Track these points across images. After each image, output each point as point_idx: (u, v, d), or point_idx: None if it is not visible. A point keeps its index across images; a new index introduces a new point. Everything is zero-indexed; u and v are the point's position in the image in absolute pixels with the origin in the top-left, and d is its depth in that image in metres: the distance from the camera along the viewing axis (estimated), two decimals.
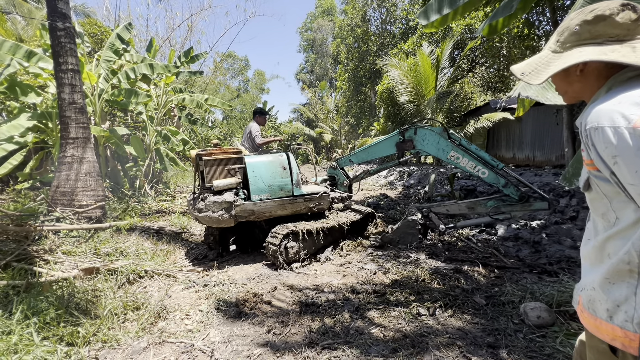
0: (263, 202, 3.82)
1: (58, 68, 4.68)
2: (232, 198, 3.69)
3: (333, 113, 28.27)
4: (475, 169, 3.87)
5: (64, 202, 4.60)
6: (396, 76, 12.78)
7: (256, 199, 3.80)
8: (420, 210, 4.40)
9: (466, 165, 3.91)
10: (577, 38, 0.89)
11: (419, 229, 4.30)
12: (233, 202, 3.67)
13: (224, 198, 3.67)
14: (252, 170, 3.85)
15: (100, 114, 7.51)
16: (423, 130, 4.18)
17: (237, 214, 3.68)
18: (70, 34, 4.69)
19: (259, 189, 3.83)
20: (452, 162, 3.96)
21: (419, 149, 4.23)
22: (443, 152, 4.01)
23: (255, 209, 3.78)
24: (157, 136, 8.37)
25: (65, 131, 4.75)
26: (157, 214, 6.40)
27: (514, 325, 2.28)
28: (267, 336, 2.33)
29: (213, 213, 3.63)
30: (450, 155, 3.96)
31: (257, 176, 3.85)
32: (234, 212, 3.66)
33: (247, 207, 3.73)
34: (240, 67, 39.14)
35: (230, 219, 3.67)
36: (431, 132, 4.11)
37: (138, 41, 17.73)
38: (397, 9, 19.84)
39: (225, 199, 3.66)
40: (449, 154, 3.97)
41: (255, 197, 3.80)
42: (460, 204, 4.15)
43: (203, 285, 3.25)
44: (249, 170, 3.84)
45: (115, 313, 2.51)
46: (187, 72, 10.23)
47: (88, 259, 3.57)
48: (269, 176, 3.89)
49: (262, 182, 3.84)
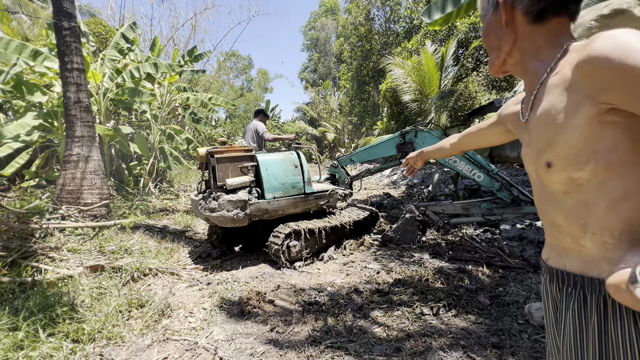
0: (277, 200, 3.80)
1: (63, 67, 4.72)
2: (246, 197, 3.63)
3: (336, 112, 28.22)
4: (471, 173, 4.04)
5: (69, 200, 4.65)
6: (400, 75, 12.73)
7: (270, 197, 3.78)
8: (417, 208, 4.49)
9: (463, 169, 4.07)
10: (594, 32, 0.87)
11: (417, 225, 4.34)
12: (248, 201, 3.61)
13: (239, 197, 3.59)
14: (265, 168, 3.83)
15: (105, 113, 7.57)
16: (423, 133, 4.31)
17: (251, 212, 3.63)
18: (76, 33, 4.72)
19: (273, 187, 3.81)
20: (450, 165, 4.13)
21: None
22: None
23: (269, 207, 3.75)
24: (161, 135, 8.41)
25: (71, 130, 4.78)
26: (161, 212, 6.44)
27: (518, 326, 2.27)
28: (270, 334, 2.34)
29: (228, 212, 3.52)
30: (448, 158, 4.09)
31: (271, 174, 3.84)
32: (248, 211, 3.60)
33: (261, 205, 3.69)
34: (243, 66, 39.21)
35: (245, 218, 3.60)
36: (431, 135, 4.25)
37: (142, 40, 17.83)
38: (401, 8, 19.74)
39: (240, 198, 3.59)
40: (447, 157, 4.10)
41: (269, 195, 3.78)
42: (456, 205, 4.32)
43: (207, 283, 3.26)
44: (262, 168, 3.82)
45: (119, 310, 2.53)
46: (190, 71, 10.27)
47: (93, 256, 3.59)
48: (281, 174, 3.89)
49: (276, 180, 3.83)
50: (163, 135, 8.45)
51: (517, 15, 0.74)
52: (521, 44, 0.76)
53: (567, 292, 0.73)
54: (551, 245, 0.79)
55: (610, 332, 0.64)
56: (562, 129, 0.65)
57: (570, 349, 0.72)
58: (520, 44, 0.76)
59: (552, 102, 0.68)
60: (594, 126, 0.61)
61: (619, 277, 0.58)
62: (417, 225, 4.34)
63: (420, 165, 1.45)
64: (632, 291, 0.55)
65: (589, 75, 0.60)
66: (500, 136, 1.07)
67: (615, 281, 0.59)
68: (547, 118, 0.69)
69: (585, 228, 0.67)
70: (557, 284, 0.76)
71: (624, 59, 0.54)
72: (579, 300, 0.70)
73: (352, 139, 26.65)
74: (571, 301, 0.72)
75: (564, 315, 0.74)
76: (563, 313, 0.75)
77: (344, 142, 26.79)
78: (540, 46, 0.73)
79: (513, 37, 0.76)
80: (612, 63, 0.55)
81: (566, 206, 0.70)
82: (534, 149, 0.75)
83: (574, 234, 0.70)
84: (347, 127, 26.84)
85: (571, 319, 0.72)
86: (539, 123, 0.72)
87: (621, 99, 0.57)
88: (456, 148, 1.26)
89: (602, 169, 0.62)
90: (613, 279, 0.59)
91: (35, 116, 6.38)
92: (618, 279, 0.58)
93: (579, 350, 0.70)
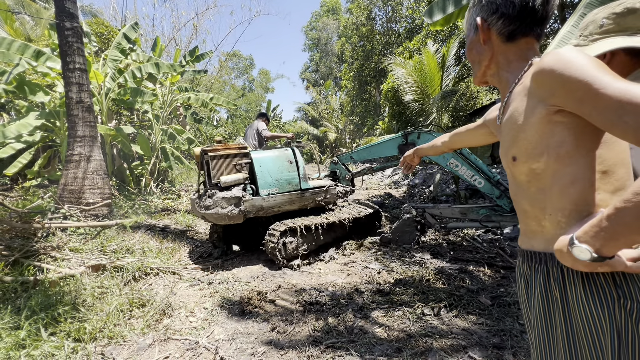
0: (272, 196, 3.81)
1: (66, 67, 4.74)
2: (240, 193, 3.66)
3: (337, 112, 28.21)
4: (472, 178, 3.97)
5: (71, 199, 4.66)
6: (401, 75, 12.70)
7: (264, 193, 3.79)
8: (415, 208, 4.43)
9: (464, 174, 4.00)
10: (605, 30, 0.95)
11: (415, 226, 4.31)
12: (242, 198, 3.64)
13: (233, 194, 3.65)
14: (259, 165, 3.85)
15: (107, 113, 7.59)
16: (426, 135, 4.26)
17: (246, 209, 3.65)
18: (78, 33, 4.74)
19: (267, 184, 3.83)
20: (452, 169, 4.05)
21: None
22: (443, 159, 4.10)
23: (264, 204, 3.77)
24: (162, 135, 8.43)
25: (73, 130, 4.80)
26: (163, 212, 6.45)
27: (519, 326, 2.26)
28: (271, 334, 2.34)
29: (222, 209, 3.59)
30: (450, 163, 4.04)
31: (265, 171, 3.85)
32: (242, 208, 3.64)
33: (255, 202, 3.72)
34: (245, 66, 39.25)
35: (239, 214, 3.63)
36: (433, 137, 4.18)
37: (144, 40, 17.88)
38: (403, 7, 19.72)
39: (234, 195, 3.64)
40: (449, 161, 4.05)
41: (263, 192, 3.79)
42: (454, 209, 4.20)
43: (208, 283, 3.27)
44: (256, 165, 3.84)
45: (121, 310, 2.54)
46: (192, 71, 10.30)
47: (95, 256, 3.61)
48: (276, 170, 3.89)
49: (270, 177, 3.84)
50: (165, 135, 8.47)
51: (493, 35, 0.88)
52: (497, 59, 0.90)
53: (535, 268, 0.84)
54: (523, 231, 0.90)
55: (569, 296, 0.76)
56: (522, 128, 0.78)
57: (539, 316, 0.82)
58: (496, 59, 0.90)
59: (516, 106, 0.81)
60: (545, 125, 0.74)
61: (562, 242, 0.71)
62: (415, 226, 4.32)
63: (417, 162, 1.58)
64: (570, 251, 0.67)
65: (540, 83, 0.74)
66: (485, 137, 1.21)
67: (559, 246, 0.71)
68: (512, 120, 0.82)
69: (544, 210, 0.79)
70: (527, 262, 0.87)
71: (564, 69, 0.68)
72: (543, 274, 0.81)
73: (353, 138, 26.64)
74: (538, 275, 0.83)
75: (533, 289, 0.85)
76: (532, 287, 0.85)
77: (345, 142, 26.78)
78: (512, 61, 0.88)
79: (490, 53, 0.90)
80: (555, 73, 0.70)
81: (529, 193, 0.82)
82: (504, 146, 0.88)
83: (537, 216, 0.82)
84: (349, 127, 26.83)
85: (539, 290, 0.82)
86: (507, 124, 0.85)
87: (563, 101, 0.70)
88: (447, 146, 1.42)
89: (553, 160, 0.75)
90: (557, 244, 0.72)
91: (37, 116, 6.41)
92: (561, 244, 0.71)
93: (546, 315, 0.80)
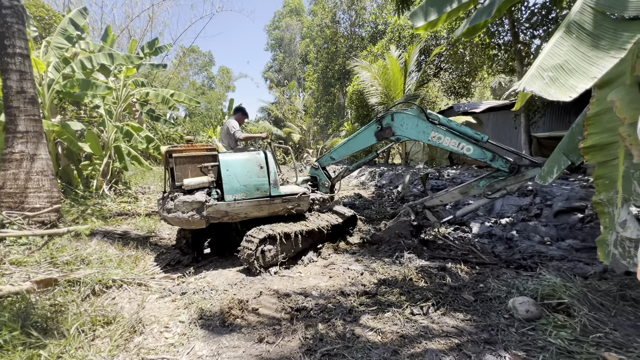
0: (238, 202, 3.62)
1: (4, 52, 4.10)
2: (203, 198, 3.47)
3: (301, 113, 28.13)
4: (459, 147, 3.67)
5: (10, 204, 4.03)
6: (367, 78, 12.98)
7: (230, 199, 3.60)
8: (414, 208, 4.27)
9: (449, 144, 3.69)
10: None
11: (411, 230, 4.25)
12: (205, 202, 3.45)
13: (195, 198, 3.45)
14: (226, 169, 3.64)
15: (50, 107, 6.76)
16: (400, 114, 3.96)
17: (209, 214, 3.47)
18: (19, 13, 4.13)
19: (234, 189, 3.63)
20: (435, 143, 3.77)
21: (399, 134, 3.98)
22: (424, 135, 3.83)
23: (229, 209, 3.58)
24: (116, 132, 7.71)
25: (12, 124, 4.17)
26: (120, 216, 5.88)
27: (505, 320, 2.35)
28: (260, 346, 2.18)
29: (183, 214, 3.41)
30: (432, 137, 3.76)
31: (232, 175, 3.64)
32: (205, 213, 3.44)
33: (220, 207, 3.52)
34: (204, 62, 37.61)
35: (201, 220, 3.44)
36: (408, 115, 3.88)
37: (91, 29, 16.33)
38: (366, 12, 20.22)
39: (196, 199, 3.44)
40: (430, 136, 3.78)
41: (229, 197, 3.60)
42: (453, 192, 3.99)
43: (181, 293, 3.00)
44: (223, 169, 3.63)
45: (82, 330, 2.22)
46: (149, 65, 9.58)
47: (43, 269, 3.15)
48: (244, 175, 3.70)
49: (237, 182, 3.64)
50: (119, 132, 7.75)
51: None
52: None
53: None
54: None
55: None
56: None
57: None
58: None
59: None
60: None
61: None
62: (410, 230, 4.23)
63: None
64: None
65: None
66: None
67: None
68: None
69: None
70: None
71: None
72: None
73: (317, 140, 26.71)
74: None
75: None
76: None
77: (309, 143, 26.77)
78: None
79: None
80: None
81: None
82: None
83: None
84: (313, 129, 26.87)
85: None
86: None
87: None
88: None
89: None
90: None
91: None
92: None
93: None
